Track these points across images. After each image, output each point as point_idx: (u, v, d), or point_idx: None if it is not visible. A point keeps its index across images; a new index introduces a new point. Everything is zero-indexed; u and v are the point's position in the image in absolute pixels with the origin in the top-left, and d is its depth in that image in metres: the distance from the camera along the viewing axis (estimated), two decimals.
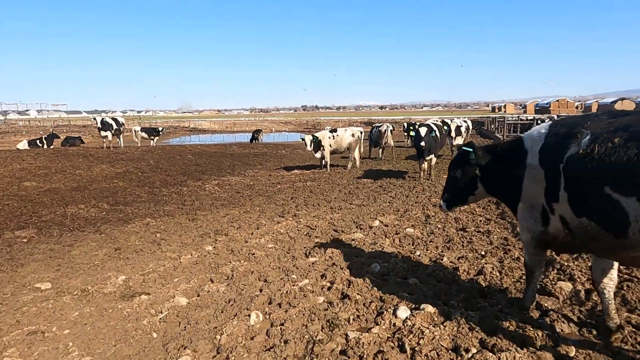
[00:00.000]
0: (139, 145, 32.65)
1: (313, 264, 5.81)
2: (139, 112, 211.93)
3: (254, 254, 6.44)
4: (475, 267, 5.30)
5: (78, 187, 13.22)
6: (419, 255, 5.93)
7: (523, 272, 5.07)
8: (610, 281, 3.56)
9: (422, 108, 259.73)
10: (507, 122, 23.88)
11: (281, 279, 5.35)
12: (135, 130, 35.92)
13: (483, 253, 5.90)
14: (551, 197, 3.30)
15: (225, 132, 68.08)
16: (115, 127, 23.38)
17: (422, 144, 12.57)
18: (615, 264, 3.54)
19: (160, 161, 19.50)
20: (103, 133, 22.93)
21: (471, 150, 4.21)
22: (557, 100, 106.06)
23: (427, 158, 13.14)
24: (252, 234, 7.85)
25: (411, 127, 16.99)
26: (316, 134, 17.29)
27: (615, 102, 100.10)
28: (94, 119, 22.95)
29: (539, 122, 24.15)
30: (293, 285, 5.01)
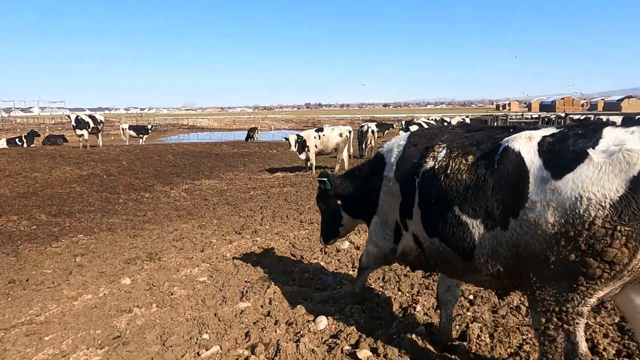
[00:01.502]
0: (127, 143, 31.38)
1: (242, 312, 4.32)
2: (142, 109, 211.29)
3: (173, 293, 4.96)
4: (458, 325, 3.81)
5: (26, 193, 11.79)
6: (385, 301, 4.43)
7: (524, 335, 3.58)
8: (453, 298, 3.51)
9: (426, 106, 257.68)
10: (511, 120, 22.28)
11: (189, 338, 3.86)
12: (123, 129, 34.68)
13: (471, 297, 4.40)
14: (406, 213, 3.13)
15: (224, 129, 66.95)
16: (92, 125, 21.97)
17: None
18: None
19: (135, 162, 18.07)
20: (79, 132, 21.52)
21: (325, 180, 4.05)
22: (563, 98, 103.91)
23: None
24: (191, 259, 6.37)
25: (412, 125, 15.69)
26: (301, 133, 15.82)
27: (622, 99, 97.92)
28: (68, 116, 21.50)
29: (546, 120, 22.59)
30: (196, 356, 3.53)
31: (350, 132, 16.07)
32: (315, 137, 15.59)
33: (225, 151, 26.17)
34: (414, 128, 11.07)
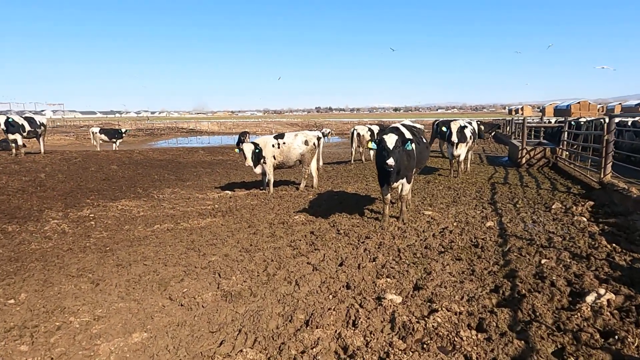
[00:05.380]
0: (98, 149, 28.16)
1: None
2: (152, 112, 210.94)
3: None
4: None
5: None
6: None
7: None
8: None
9: (437, 110, 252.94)
10: (528, 124, 18.38)
11: None
12: (93, 132, 31.42)
13: None
14: None
15: (224, 133, 64.16)
16: (28, 128, 18.55)
17: (390, 162, 7.18)
18: None
19: (57, 175, 14.56)
20: (11, 136, 18.11)
21: None
22: (578, 103, 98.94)
23: (395, 185, 7.86)
24: None
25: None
26: (257, 140, 12.20)
27: (639, 104, 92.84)
28: None
29: (572, 124, 18.62)
30: None
31: (319, 138, 12.38)
32: (273, 146, 11.95)
33: (194, 159, 22.73)
34: (391, 138, 7.30)
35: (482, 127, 16.17)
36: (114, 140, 31.41)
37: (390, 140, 7.27)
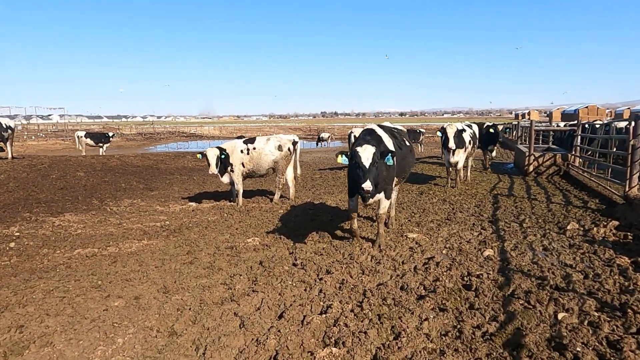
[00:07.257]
0: (84, 154, 26.86)
1: None
2: (158, 117, 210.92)
3: None
4: None
5: None
6: None
7: None
8: None
9: (442, 115, 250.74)
10: (536, 128, 16.64)
11: None
12: (78, 136, 30.13)
13: None
14: None
15: (225, 137, 62.84)
16: None
17: (367, 187, 5.46)
18: None
19: (9, 183, 13.08)
20: None
21: None
22: (586, 107, 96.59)
23: (371, 201, 6.22)
24: None
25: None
26: (224, 145, 10.65)
27: None
28: None
29: (586, 128, 16.90)
30: None
31: (295, 143, 10.79)
32: (242, 151, 10.39)
33: (176, 164, 21.24)
34: (366, 150, 5.71)
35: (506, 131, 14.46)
36: (101, 144, 30.11)
37: (366, 154, 5.62)
